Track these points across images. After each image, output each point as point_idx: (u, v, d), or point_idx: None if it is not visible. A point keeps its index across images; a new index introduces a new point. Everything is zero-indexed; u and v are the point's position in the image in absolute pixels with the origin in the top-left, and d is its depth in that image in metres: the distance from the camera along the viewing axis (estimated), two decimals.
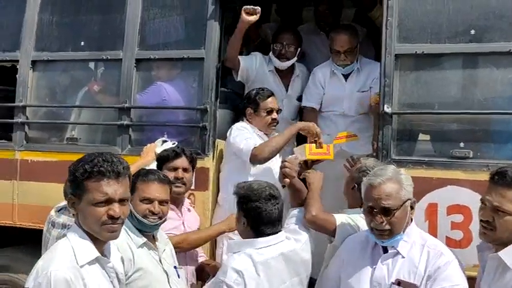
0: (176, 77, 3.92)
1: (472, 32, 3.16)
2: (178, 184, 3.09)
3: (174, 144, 3.44)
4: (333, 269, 2.70)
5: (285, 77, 4.06)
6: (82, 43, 4.00)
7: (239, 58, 3.88)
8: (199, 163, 3.42)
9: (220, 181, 3.66)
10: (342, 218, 2.79)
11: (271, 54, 3.99)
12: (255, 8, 3.59)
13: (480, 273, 2.50)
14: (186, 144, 3.54)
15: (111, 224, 2.02)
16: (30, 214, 3.90)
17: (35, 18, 4.11)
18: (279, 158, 3.52)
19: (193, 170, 3.27)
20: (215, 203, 3.65)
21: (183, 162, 3.17)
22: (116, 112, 3.88)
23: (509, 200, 2.29)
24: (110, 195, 2.01)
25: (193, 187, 3.40)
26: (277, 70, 4.02)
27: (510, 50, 3.08)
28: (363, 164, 2.88)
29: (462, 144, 3.15)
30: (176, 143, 3.45)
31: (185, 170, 3.16)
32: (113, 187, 2.01)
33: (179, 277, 2.74)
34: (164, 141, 3.54)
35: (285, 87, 4.05)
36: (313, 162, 3.31)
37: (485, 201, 2.37)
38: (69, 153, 3.82)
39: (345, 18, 4.58)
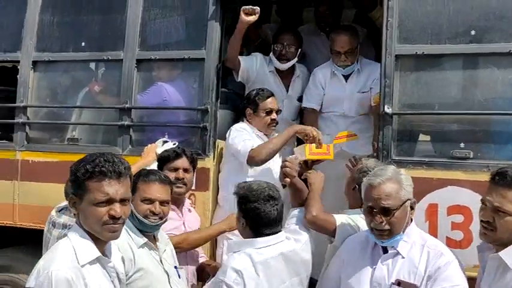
0: (177, 78, 3.93)
1: (472, 33, 3.16)
2: (179, 184, 3.09)
3: (175, 144, 3.44)
4: (333, 269, 2.70)
5: (286, 78, 4.05)
6: (83, 44, 4.00)
7: (239, 58, 3.87)
8: (199, 163, 3.42)
9: (219, 181, 3.67)
10: (342, 219, 2.79)
11: (271, 54, 3.99)
12: (254, 8, 3.59)
13: (480, 273, 2.50)
14: (187, 144, 3.55)
15: (112, 224, 2.03)
16: (30, 214, 3.91)
17: (36, 18, 4.11)
18: (279, 159, 3.53)
19: (193, 171, 3.27)
20: (215, 204, 3.65)
21: (184, 162, 3.18)
22: (117, 112, 3.88)
23: (509, 201, 2.29)
24: (111, 195, 2.01)
25: (193, 187, 3.40)
26: (277, 71, 4.02)
27: (510, 51, 3.08)
28: (364, 165, 2.89)
29: (462, 144, 3.15)
30: (177, 144, 3.45)
31: (186, 171, 3.17)
32: (114, 187, 2.02)
33: (180, 277, 2.75)
34: (165, 141, 3.54)
35: (286, 87, 4.05)
36: (313, 162, 3.31)
37: (485, 201, 2.37)
38: (69, 153, 3.82)
39: (345, 19, 4.58)
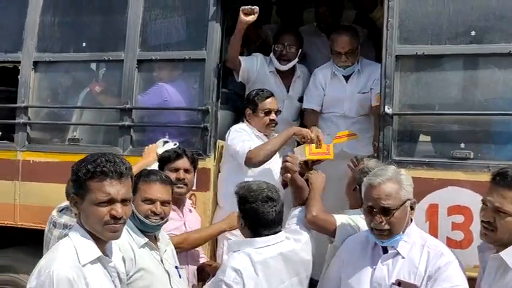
0: (177, 78, 3.93)
1: (473, 33, 3.17)
2: (179, 185, 3.09)
3: (176, 145, 3.43)
4: (333, 270, 2.70)
5: (286, 78, 4.05)
6: (84, 44, 4.01)
7: (240, 59, 3.87)
8: (200, 164, 3.42)
9: (218, 181, 3.67)
10: (342, 219, 2.79)
11: (272, 55, 3.99)
12: (253, 8, 3.58)
13: (481, 273, 2.50)
14: (187, 145, 3.55)
15: (113, 224, 2.03)
16: (31, 214, 3.91)
17: (37, 19, 4.11)
18: (279, 159, 3.53)
19: (194, 171, 3.28)
20: (216, 204, 3.65)
21: (185, 163, 3.18)
22: (118, 113, 3.88)
23: (510, 201, 2.30)
24: (113, 195, 2.02)
25: (194, 188, 3.40)
26: (278, 71, 4.01)
27: (510, 51, 3.09)
28: (365, 165, 2.89)
29: (463, 145, 3.16)
30: (177, 144, 3.45)
31: (186, 171, 3.17)
32: (116, 187, 2.02)
33: (180, 277, 2.75)
34: (165, 142, 3.53)
35: (286, 88, 4.04)
36: (313, 162, 3.31)
37: (486, 202, 2.37)
38: (70, 153, 3.82)
39: (346, 19, 4.58)
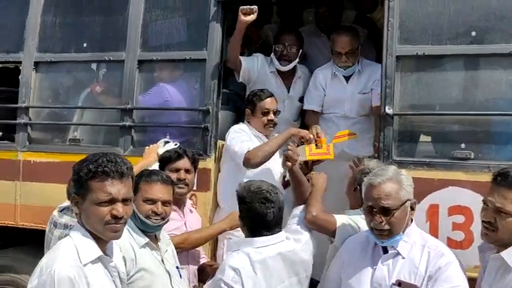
0: (178, 78, 3.93)
1: (473, 34, 3.17)
2: (180, 185, 3.09)
3: (176, 145, 3.43)
4: (334, 270, 2.71)
5: (287, 79, 4.05)
6: (84, 44, 4.01)
7: (241, 59, 3.87)
8: (201, 164, 3.43)
9: (218, 181, 3.67)
10: (343, 219, 2.80)
11: (272, 55, 3.99)
12: (252, 8, 3.57)
13: (481, 273, 2.50)
14: (188, 145, 3.55)
15: (114, 224, 2.04)
16: (32, 215, 3.91)
17: (38, 19, 4.12)
18: (279, 159, 3.54)
19: (195, 171, 3.27)
20: (216, 204, 3.65)
21: (185, 163, 3.18)
22: (118, 113, 3.89)
23: (511, 201, 2.29)
24: (114, 195, 2.02)
25: (195, 188, 3.40)
26: (278, 71, 4.01)
27: (511, 52, 3.09)
28: (366, 166, 2.89)
29: (463, 145, 3.16)
30: (178, 144, 3.45)
31: (187, 171, 3.17)
32: (117, 187, 2.03)
33: (181, 277, 2.75)
34: (166, 142, 3.53)
35: (287, 88, 4.04)
36: (313, 162, 3.31)
37: (487, 202, 2.37)
38: (71, 154, 3.82)
39: (346, 19, 4.58)
